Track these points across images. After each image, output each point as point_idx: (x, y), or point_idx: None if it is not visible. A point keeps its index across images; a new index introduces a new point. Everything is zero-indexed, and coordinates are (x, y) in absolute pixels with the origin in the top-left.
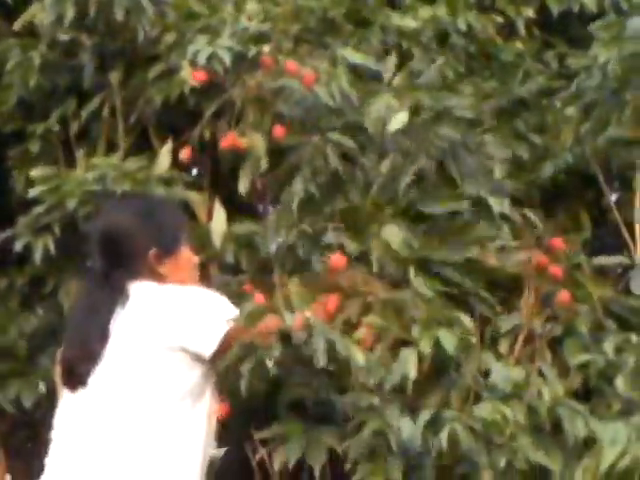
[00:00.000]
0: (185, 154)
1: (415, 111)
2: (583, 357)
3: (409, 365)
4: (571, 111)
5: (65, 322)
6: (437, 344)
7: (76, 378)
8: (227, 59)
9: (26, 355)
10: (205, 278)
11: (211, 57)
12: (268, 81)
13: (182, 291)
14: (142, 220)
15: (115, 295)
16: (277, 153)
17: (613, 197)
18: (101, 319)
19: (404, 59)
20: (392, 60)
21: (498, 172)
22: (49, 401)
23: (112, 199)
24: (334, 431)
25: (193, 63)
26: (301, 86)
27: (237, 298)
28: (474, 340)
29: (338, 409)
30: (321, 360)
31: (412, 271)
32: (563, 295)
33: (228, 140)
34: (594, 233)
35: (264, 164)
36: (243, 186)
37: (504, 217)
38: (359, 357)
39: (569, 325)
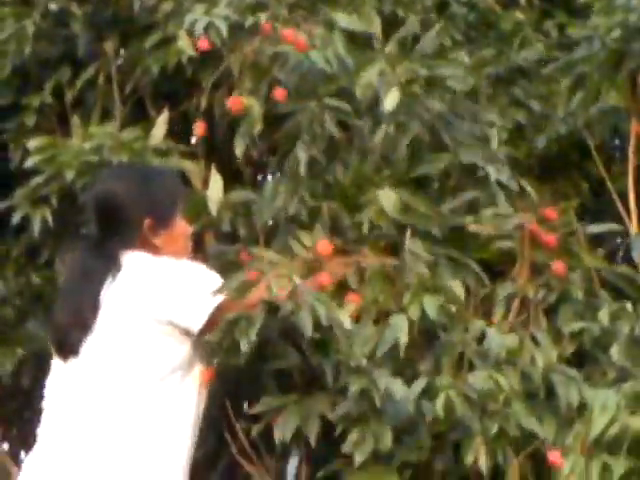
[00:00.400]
0: (199, 128)
1: (408, 81)
2: (578, 325)
3: (400, 331)
4: (566, 81)
5: (57, 291)
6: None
7: (68, 347)
8: (224, 29)
9: (13, 321)
10: (201, 247)
11: (208, 27)
12: (265, 47)
13: (174, 265)
14: (137, 189)
15: (109, 264)
16: (273, 120)
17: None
18: (94, 288)
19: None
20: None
21: (495, 140)
22: (41, 369)
23: (109, 167)
24: (324, 398)
25: (190, 33)
26: (296, 52)
27: (233, 267)
28: (462, 307)
29: (326, 376)
30: (308, 330)
31: (408, 233)
32: (557, 265)
33: (235, 101)
34: (593, 203)
35: (259, 128)
36: (239, 150)
37: (501, 185)
38: (346, 322)
39: (563, 293)
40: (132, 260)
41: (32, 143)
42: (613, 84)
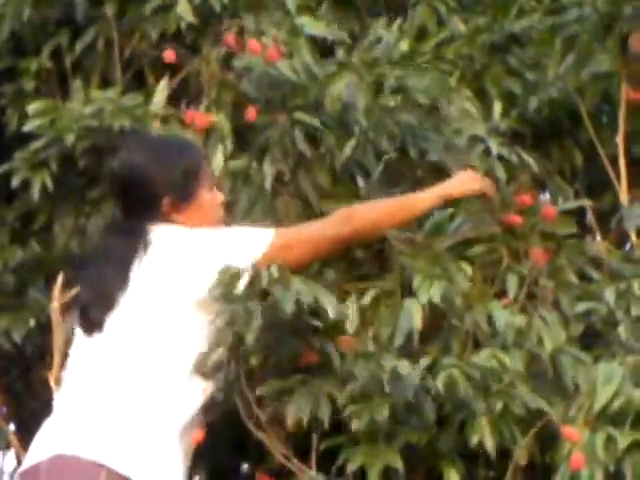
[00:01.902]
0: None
1: (376, 90)
2: (583, 306)
3: (415, 316)
4: (556, 44)
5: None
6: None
7: (92, 323)
8: None
9: (15, 289)
10: None
11: None
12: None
13: (203, 236)
14: (155, 168)
15: (133, 241)
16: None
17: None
18: (120, 265)
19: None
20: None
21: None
22: (40, 337)
23: (130, 138)
24: (332, 381)
25: None
26: (263, 64)
27: None
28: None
29: (333, 360)
30: (288, 308)
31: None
32: (536, 253)
33: (198, 117)
34: (585, 170)
35: (229, 145)
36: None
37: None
38: (331, 303)
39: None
40: (161, 235)
41: (32, 106)
42: (604, 47)
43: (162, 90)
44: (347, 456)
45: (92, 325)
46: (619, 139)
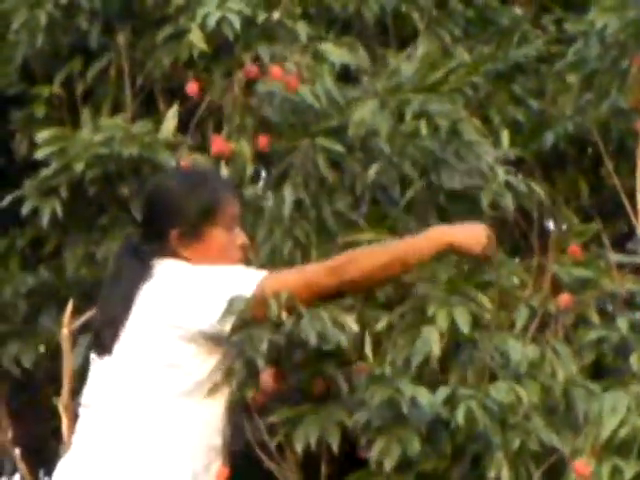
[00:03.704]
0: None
1: (399, 117)
2: (595, 334)
3: (433, 343)
4: (571, 79)
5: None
6: (453, 322)
7: (101, 346)
8: (237, 24)
9: (25, 315)
10: None
11: (220, 21)
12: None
13: (196, 270)
14: (168, 200)
15: (142, 268)
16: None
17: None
18: (123, 289)
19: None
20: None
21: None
22: (50, 362)
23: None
24: (342, 407)
25: (202, 26)
26: (285, 90)
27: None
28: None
29: (342, 385)
30: (312, 339)
31: None
32: (564, 299)
33: (217, 145)
34: (591, 200)
35: (250, 170)
36: None
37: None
38: (353, 325)
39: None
40: (163, 269)
41: (42, 135)
42: (622, 83)
43: (172, 117)
44: None
45: (102, 348)
46: (638, 172)
